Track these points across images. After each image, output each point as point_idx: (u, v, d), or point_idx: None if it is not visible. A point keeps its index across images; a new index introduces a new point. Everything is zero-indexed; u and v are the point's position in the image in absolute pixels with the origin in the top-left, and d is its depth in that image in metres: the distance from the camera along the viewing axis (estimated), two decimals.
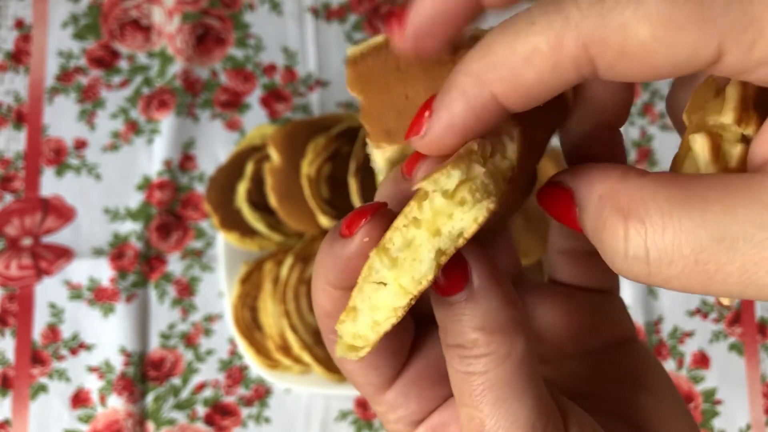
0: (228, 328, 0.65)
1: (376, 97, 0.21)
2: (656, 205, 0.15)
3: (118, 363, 0.64)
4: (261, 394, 0.65)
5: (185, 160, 0.69)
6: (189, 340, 0.66)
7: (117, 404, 0.64)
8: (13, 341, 0.65)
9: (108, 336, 0.65)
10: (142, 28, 0.71)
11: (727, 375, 0.67)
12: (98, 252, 0.67)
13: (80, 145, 0.69)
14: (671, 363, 0.67)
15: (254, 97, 0.70)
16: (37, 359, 0.65)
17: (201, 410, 0.65)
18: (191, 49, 0.70)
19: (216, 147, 0.69)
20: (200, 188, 0.68)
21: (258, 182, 0.62)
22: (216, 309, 0.66)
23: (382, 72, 0.22)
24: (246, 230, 0.63)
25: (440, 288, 0.18)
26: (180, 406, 0.65)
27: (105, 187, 0.68)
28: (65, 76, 0.70)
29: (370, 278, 0.18)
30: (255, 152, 0.64)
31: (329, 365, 0.59)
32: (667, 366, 0.67)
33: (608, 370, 0.24)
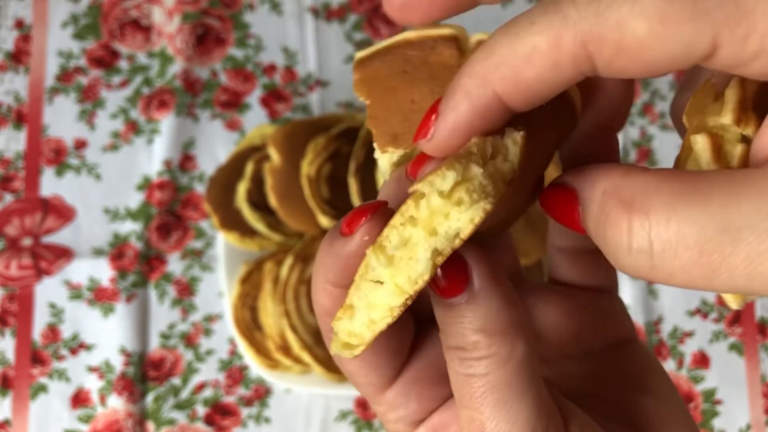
0: (228, 328, 0.65)
1: (382, 101, 0.21)
2: (660, 198, 0.15)
3: (118, 363, 0.64)
4: (261, 394, 0.65)
5: (185, 160, 0.69)
6: (189, 340, 0.66)
7: (117, 404, 0.64)
8: (13, 341, 0.65)
9: (108, 336, 0.65)
10: (142, 28, 0.71)
11: (727, 375, 0.67)
12: (98, 252, 0.67)
13: (80, 145, 0.69)
14: (671, 363, 0.67)
15: (254, 97, 0.70)
16: (37, 359, 0.65)
17: (201, 410, 0.65)
18: (191, 49, 0.70)
19: (216, 147, 0.69)
20: (200, 188, 0.68)
21: (258, 182, 0.62)
22: (216, 309, 0.66)
23: (389, 76, 0.21)
24: (246, 230, 0.63)
25: (440, 290, 0.18)
26: (180, 406, 0.65)
27: (105, 187, 0.68)
28: (65, 76, 0.70)
29: (367, 276, 0.18)
30: (255, 152, 0.64)
31: (329, 365, 0.59)
32: (667, 366, 0.67)
33: (608, 371, 0.24)
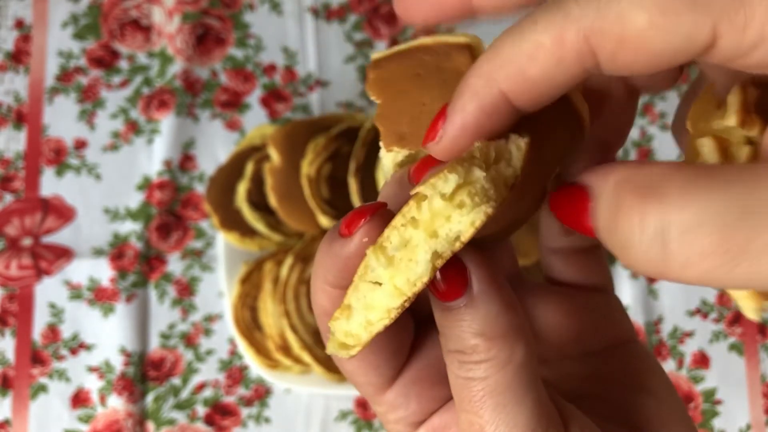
0: (228, 328, 0.65)
1: (393, 101, 0.21)
2: (677, 184, 0.14)
3: (118, 363, 0.64)
4: (261, 394, 0.65)
5: (185, 160, 0.69)
6: (189, 340, 0.66)
7: (117, 404, 0.64)
8: (13, 341, 0.65)
9: (108, 336, 0.65)
10: (142, 28, 0.71)
11: (727, 375, 0.67)
12: (98, 252, 0.67)
13: (80, 145, 0.69)
14: (671, 363, 0.67)
15: (254, 97, 0.70)
16: (37, 359, 0.65)
17: (201, 410, 0.65)
18: (191, 49, 0.70)
19: (216, 147, 0.69)
20: (200, 188, 0.68)
21: (258, 182, 0.62)
22: (216, 309, 0.66)
23: (402, 78, 0.22)
24: (246, 230, 0.63)
25: (440, 293, 0.18)
26: (180, 406, 0.65)
27: (105, 187, 0.68)
28: (65, 76, 0.70)
29: (366, 277, 0.18)
30: (255, 152, 0.64)
31: (329, 365, 0.59)
32: (667, 366, 0.67)
33: (608, 372, 0.24)
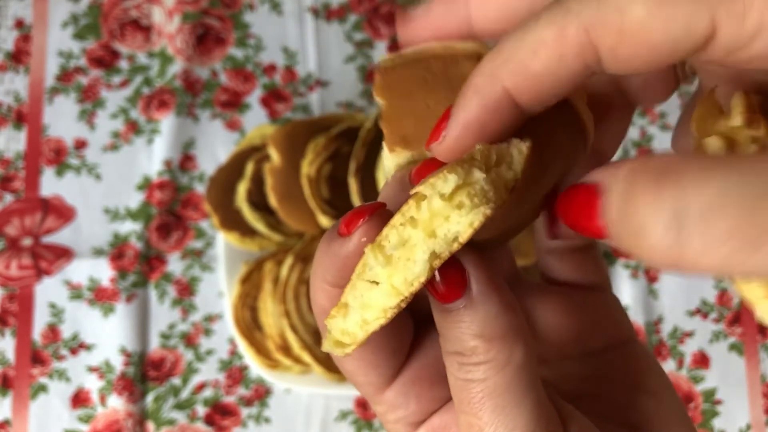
0: (228, 328, 0.65)
1: (398, 103, 0.22)
2: (693, 167, 0.14)
3: (118, 363, 0.64)
4: (261, 394, 0.65)
5: (185, 160, 0.69)
6: (189, 340, 0.66)
7: (117, 404, 0.64)
8: (13, 341, 0.65)
9: (108, 336, 0.65)
10: (142, 28, 0.71)
11: (727, 375, 0.67)
12: (98, 252, 0.67)
13: (80, 145, 0.69)
14: (671, 363, 0.67)
15: (254, 97, 0.70)
16: (37, 359, 0.65)
17: (201, 410, 0.65)
18: (191, 49, 0.70)
19: (216, 147, 0.69)
20: (200, 188, 0.68)
21: (258, 182, 0.62)
22: (216, 309, 0.66)
23: (409, 81, 0.22)
24: (246, 230, 0.63)
25: (439, 294, 0.18)
26: (180, 406, 0.65)
27: (105, 187, 0.68)
28: (65, 76, 0.70)
29: (364, 275, 0.18)
30: (255, 152, 0.64)
31: (329, 365, 0.59)
32: (667, 366, 0.66)
33: (608, 371, 0.24)
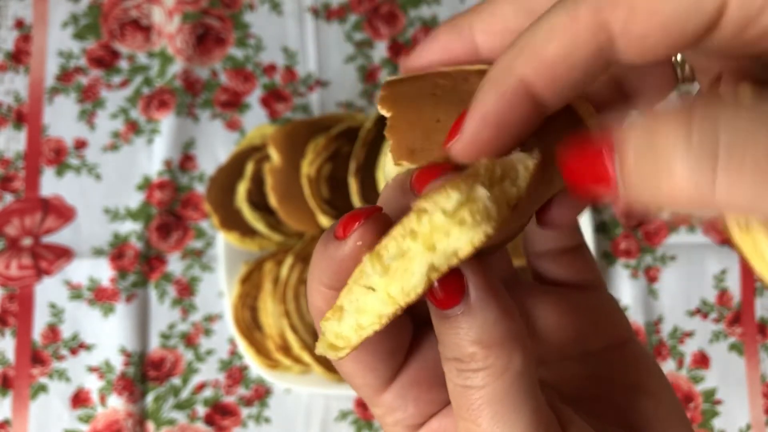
0: (228, 328, 0.65)
1: (406, 115, 0.21)
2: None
3: (118, 363, 0.64)
4: (261, 394, 0.65)
5: (185, 160, 0.69)
6: (189, 340, 0.66)
7: (117, 404, 0.64)
8: (13, 341, 0.65)
9: (108, 336, 0.65)
10: (142, 28, 0.71)
11: (727, 375, 0.67)
12: (98, 252, 0.67)
13: (80, 145, 0.69)
14: (671, 363, 0.67)
15: (254, 97, 0.70)
16: (37, 359, 0.65)
17: (201, 410, 0.65)
18: (191, 49, 0.70)
19: (216, 147, 0.69)
20: (200, 188, 0.68)
21: (258, 182, 0.62)
22: (216, 309, 0.66)
23: (417, 95, 0.21)
24: (246, 230, 0.63)
25: (437, 301, 0.18)
26: (180, 406, 0.65)
27: (105, 187, 0.68)
28: (65, 76, 0.70)
29: (361, 281, 0.18)
30: (255, 152, 0.64)
31: (329, 365, 0.59)
32: (667, 366, 0.66)
33: (607, 372, 0.24)
